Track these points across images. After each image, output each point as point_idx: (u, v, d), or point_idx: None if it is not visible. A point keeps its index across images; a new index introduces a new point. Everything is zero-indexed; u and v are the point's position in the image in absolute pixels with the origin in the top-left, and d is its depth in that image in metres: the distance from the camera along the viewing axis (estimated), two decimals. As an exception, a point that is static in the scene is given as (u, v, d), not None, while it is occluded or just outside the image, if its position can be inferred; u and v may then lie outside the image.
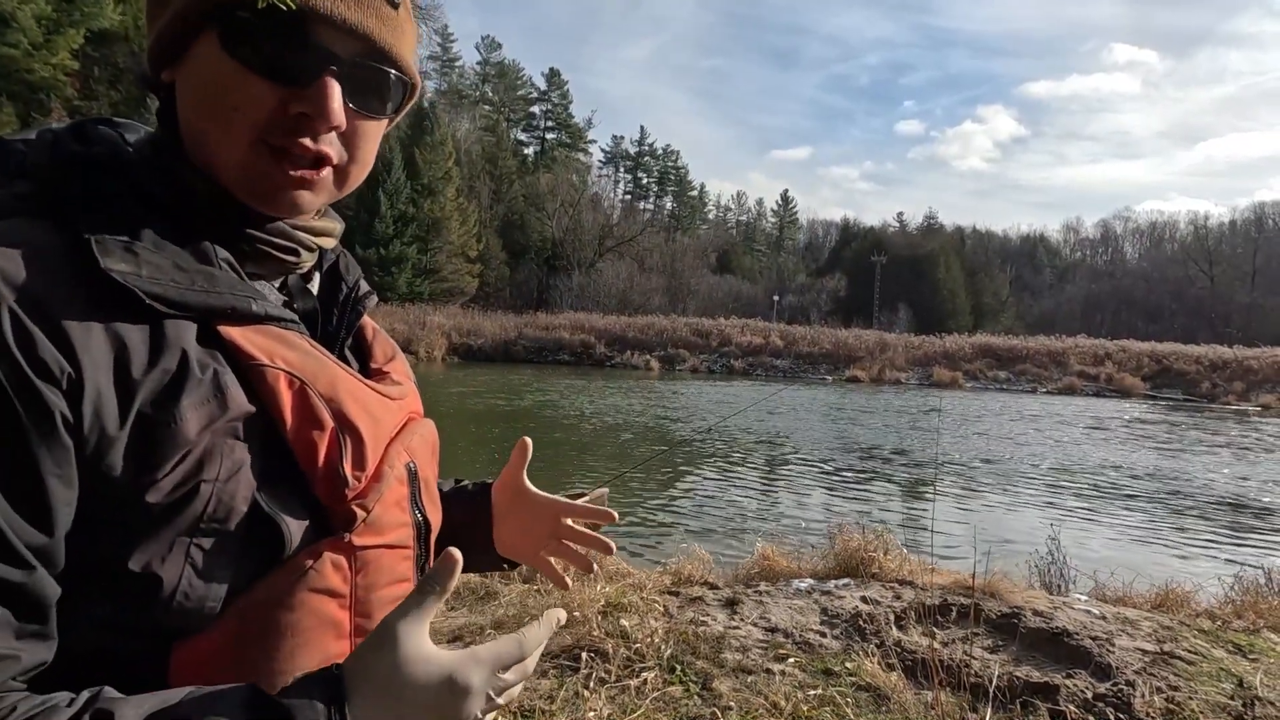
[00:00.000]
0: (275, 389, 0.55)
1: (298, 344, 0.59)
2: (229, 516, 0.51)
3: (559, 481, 8.85)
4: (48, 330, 0.46)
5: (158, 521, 0.48)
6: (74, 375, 0.46)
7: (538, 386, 21.71)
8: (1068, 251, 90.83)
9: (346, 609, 0.58)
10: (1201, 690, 2.92)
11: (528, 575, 4.62)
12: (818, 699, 2.76)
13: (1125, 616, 3.79)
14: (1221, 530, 8.51)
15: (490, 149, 57.15)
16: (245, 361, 0.54)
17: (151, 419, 0.48)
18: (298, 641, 0.54)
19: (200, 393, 0.51)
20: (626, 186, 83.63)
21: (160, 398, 0.49)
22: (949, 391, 28.41)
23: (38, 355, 0.45)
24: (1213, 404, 27.86)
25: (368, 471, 0.59)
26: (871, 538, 4.65)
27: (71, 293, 0.48)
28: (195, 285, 0.52)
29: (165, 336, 0.51)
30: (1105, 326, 53.80)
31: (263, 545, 0.53)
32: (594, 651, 3.01)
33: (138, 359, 0.49)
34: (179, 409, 0.49)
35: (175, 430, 0.49)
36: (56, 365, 0.45)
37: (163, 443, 0.48)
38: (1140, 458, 13.58)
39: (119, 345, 0.48)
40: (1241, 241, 69.99)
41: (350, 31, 0.56)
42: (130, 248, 0.50)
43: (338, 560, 0.56)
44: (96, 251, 0.49)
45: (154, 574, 0.48)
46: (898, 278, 60.34)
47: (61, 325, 0.46)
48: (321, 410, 0.56)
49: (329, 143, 0.58)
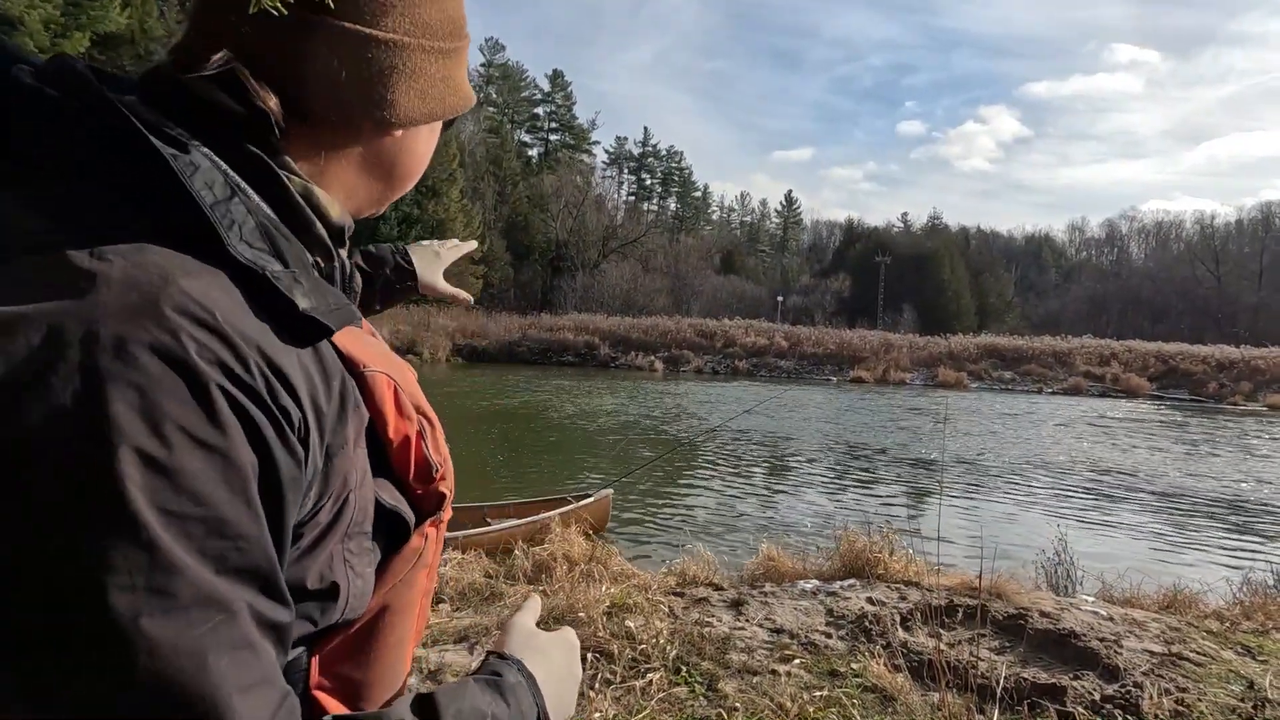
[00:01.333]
0: (380, 393, 0.56)
1: (367, 338, 0.59)
2: (365, 518, 0.54)
3: (563, 482, 8.86)
4: (278, 377, 0.44)
5: (326, 536, 0.50)
6: (302, 420, 0.45)
7: (542, 387, 21.72)
8: (1073, 251, 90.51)
9: (432, 578, 0.66)
10: (1210, 692, 2.90)
11: (532, 576, 4.62)
12: (824, 700, 2.75)
13: (1133, 618, 3.77)
14: (1229, 531, 8.47)
15: (494, 151, 57.24)
16: (356, 368, 0.54)
17: (331, 447, 0.49)
18: (411, 613, 0.61)
19: (357, 414, 0.52)
20: (630, 188, 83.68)
21: (335, 426, 0.49)
22: (954, 392, 28.33)
23: (282, 404, 0.43)
24: (1220, 404, 27.72)
25: (444, 454, 0.64)
26: (877, 539, 4.64)
27: (269, 331, 0.45)
28: (332, 305, 0.50)
29: (326, 361, 0.50)
30: (1111, 327, 53.56)
31: (384, 536, 0.57)
32: (599, 652, 3.01)
33: (320, 390, 0.48)
34: (347, 434, 0.51)
35: (346, 453, 0.50)
36: (294, 411, 0.44)
37: (337, 468, 0.50)
38: (1146, 458, 13.52)
39: (309, 380, 0.47)
40: (1249, 241, 69.61)
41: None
42: (297, 277, 0.48)
43: (432, 535, 0.63)
44: (282, 289, 0.46)
45: (333, 583, 0.51)
46: (902, 278, 60.14)
47: (283, 370, 0.44)
48: (408, 405, 0.59)
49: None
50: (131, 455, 0.36)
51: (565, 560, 4.71)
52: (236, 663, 0.39)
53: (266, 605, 0.42)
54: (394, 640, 0.60)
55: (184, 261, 0.43)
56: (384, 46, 0.53)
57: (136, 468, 0.36)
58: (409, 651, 0.64)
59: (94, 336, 0.37)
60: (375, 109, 0.54)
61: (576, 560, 4.73)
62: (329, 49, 0.51)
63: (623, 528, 7.25)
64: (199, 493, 0.38)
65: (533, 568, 4.72)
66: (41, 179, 0.44)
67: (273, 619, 0.43)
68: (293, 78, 0.51)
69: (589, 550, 4.96)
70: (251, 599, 0.41)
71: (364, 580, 0.54)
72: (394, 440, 0.57)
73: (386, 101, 0.54)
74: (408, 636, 0.62)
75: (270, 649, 0.43)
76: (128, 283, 0.40)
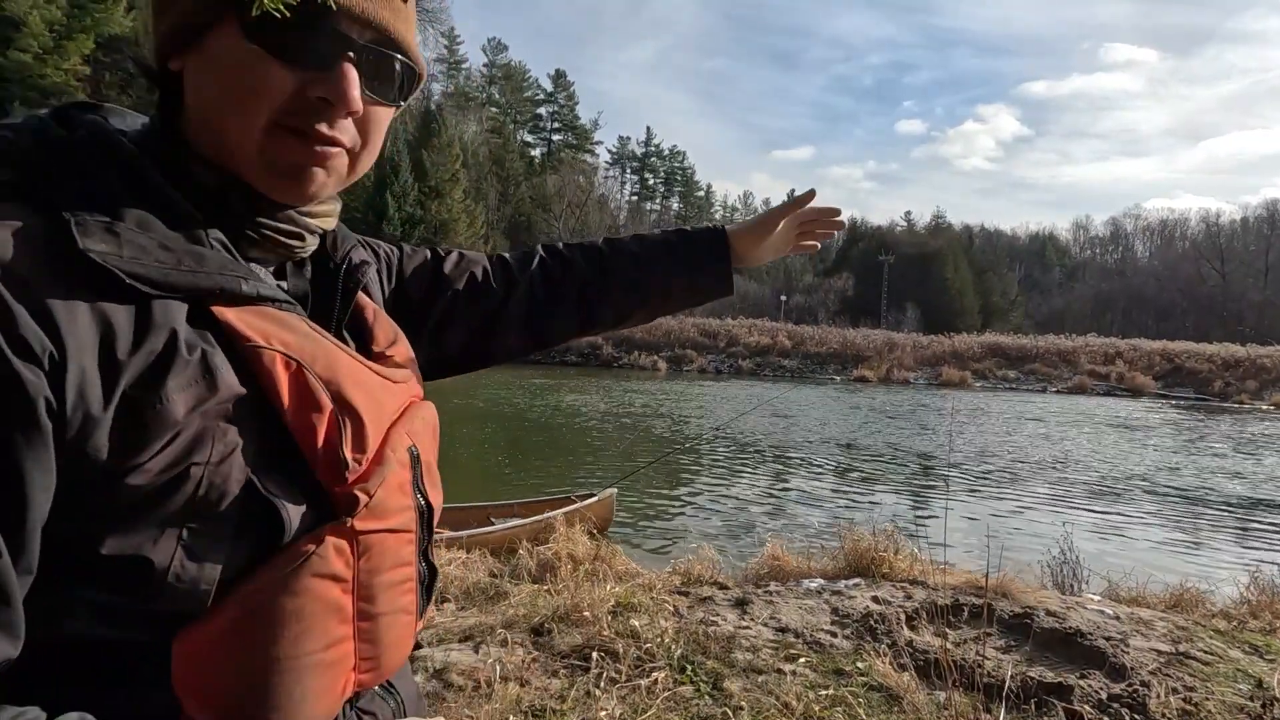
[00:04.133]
0: (272, 371, 0.54)
1: (294, 325, 0.58)
2: (221, 499, 0.50)
3: (567, 481, 8.87)
4: (31, 309, 0.45)
5: (145, 504, 0.48)
6: (56, 355, 0.45)
7: (545, 387, 21.73)
8: (1077, 250, 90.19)
9: (349, 593, 0.57)
10: (1218, 691, 2.88)
11: (536, 576, 4.62)
12: (829, 699, 2.74)
13: (1139, 617, 3.76)
14: (1236, 530, 8.43)
15: (497, 151, 57.29)
16: (240, 343, 0.54)
17: (137, 400, 0.48)
18: (301, 627, 0.54)
19: (188, 374, 0.50)
20: (633, 187, 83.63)
21: (146, 379, 0.48)
22: (958, 391, 28.27)
23: (18, 333, 0.44)
24: (1225, 403, 27.62)
25: (369, 455, 0.59)
26: (882, 538, 4.63)
27: (55, 274, 0.47)
28: (182, 265, 0.51)
29: (152, 317, 0.50)
30: (1116, 325, 53.42)
31: (260, 529, 0.52)
32: (604, 651, 3.01)
33: (123, 340, 0.48)
34: (165, 390, 0.49)
35: (161, 412, 0.48)
36: (39, 344, 0.44)
37: (148, 425, 0.48)
38: (1151, 457, 13.47)
39: (104, 326, 0.47)
40: (1254, 239, 69.29)
41: (365, 20, 0.58)
42: (111, 228, 0.49)
43: (340, 545, 0.56)
44: (75, 232, 0.48)
45: (144, 557, 0.48)
46: (905, 277, 60.04)
47: (45, 305, 0.45)
48: (320, 392, 0.56)
49: (344, 129, 0.59)
50: None
51: (570, 559, 4.71)
52: None
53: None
54: (278, 656, 0.53)
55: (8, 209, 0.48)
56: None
57: None
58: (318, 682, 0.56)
59: None
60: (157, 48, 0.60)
61: (581, 559, 4.73)
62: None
63: (627, 527, 7.25)
64: None
65: (537, 567, 4.72)
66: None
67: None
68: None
69: (593, 549, 4.96)
70: None
71: (200, 567, 0.50)
72: (293, 425, 0.55)
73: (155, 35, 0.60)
74: (303, 658, 0.54)
75: None
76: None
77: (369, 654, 0.60)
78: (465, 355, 0.96)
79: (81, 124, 0.56)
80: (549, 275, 1.00)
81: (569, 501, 6.66)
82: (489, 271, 0.97)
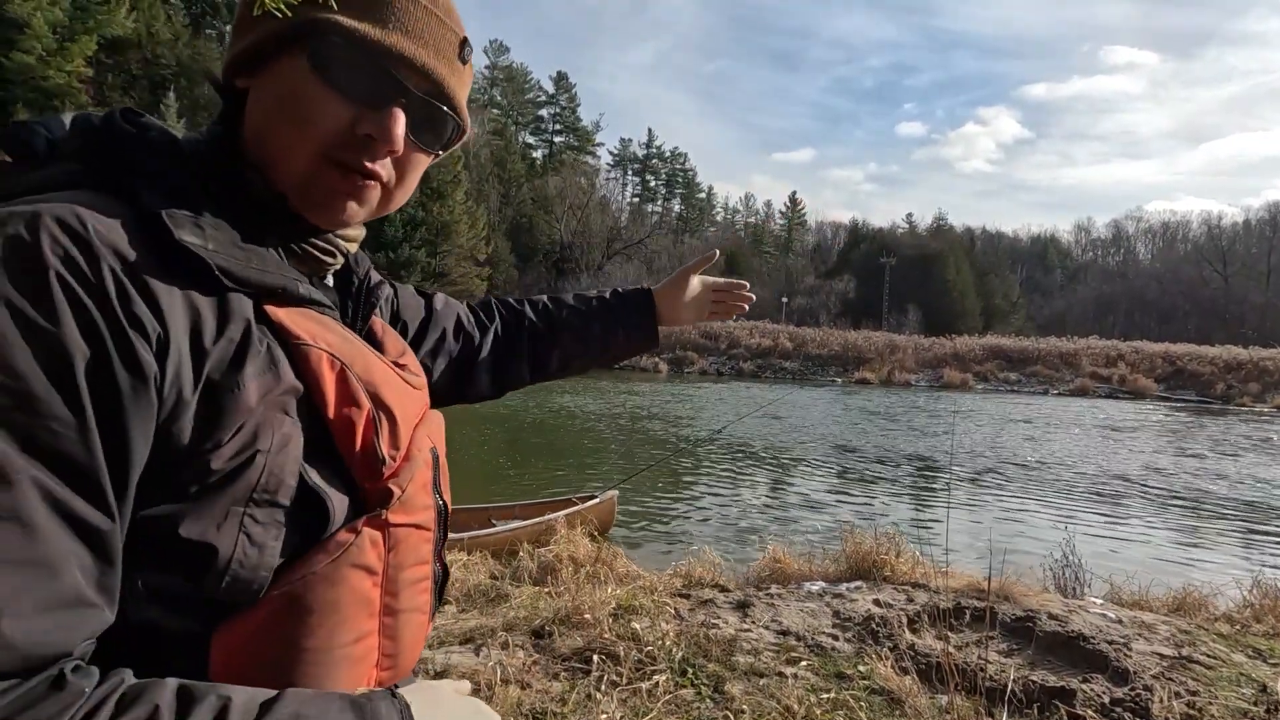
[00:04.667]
0: (319, 369, 0.58)
1: (335, 328, 0.63)
2: (279, 489, 0.53)
3: (570, 485, 8.86)
4: (140, 290, 0.48)
5: (216, 488, 0.50)
6: (162, 335, 0.48)
7: (546, 389, 21.73)
8: (1079, 252, 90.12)
9: (378, 586, 0.60)
10: (1221, 695, 2.87)
11: (537, 578, 4.62)
12: (831, 702, 2.73)
13: (1142, 620, 3.74)
14: (1239, 533, 8.41)
15: (499, 152, 57.33)
16: (291, 341, 0.57)
17: (218, 385, 0.51)
18: (337, 618, 0.56)
19: (259, 363, 0.54)
20: (634, 189, 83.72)
21: (226, 365, 0.52)
22: (959, 393, 28.25)
23: (134, 311, 0.47)
24: (1228, 405, 27.57)
25: (401, 451, 0.62)
26: (883, 540, 4.62)
27: (153, 259, 0.50)
28: (252, 263, 0.56)
29: (230, 307, 0.54)
30: (1118, 327, 53.33)
31: (308, 520, 0.55)
32: (605, 654, 3.00)
33: (209, 326, 0.51)
34: (242, 377, 0.52)
35: (238, 397, 0.51)
36: (149, 323, 0.47)
37: (226, 409, 0.51)
38: (1154, 460, 13.45)
39: (194, 312, 0.51)
40: (1256, 241, 69.23)
41: (423, 72, 0.63)
42: (197, 222, 0.53)
43: (375, 537, 0.59)
44: (169, 223, 0.51)
45: (209, 543, 0.49)
46: (907, 279, 59.99)
47: (150, 286, 0.48)
48: (359, 391, 0.60)
49: (383, 165, 0.63)
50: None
51: (571, 561, 4.71)
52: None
53: (69, 496, 0.43)
54: (312, 648, 0.55)
55: (96, 198, 0.50)
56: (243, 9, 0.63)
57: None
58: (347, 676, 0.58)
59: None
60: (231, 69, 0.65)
61: (582, 561, 4.73)
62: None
63: (628, 529, 7.24)
64: (11, 364, 0.41)
65: (538, 569, 4.72)
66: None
67: (78, 513, 0.43)
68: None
69: (594, 551, 4.95)
70: (46, 480, 0.42)
71: (260, 552, 0.52)
72: (335, 421, 0.58)
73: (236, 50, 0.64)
74: (335, 650, 0.56)
75: (59, 541, 0.42)
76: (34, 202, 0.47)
77: (389, 650, 0.63)
78: (444, 392, 1.01)
79: (148, 124, 0.60)
80: (508, 325, 1.10)
81: (570, 503, 6.66)
82: (468, 317, 1.06)
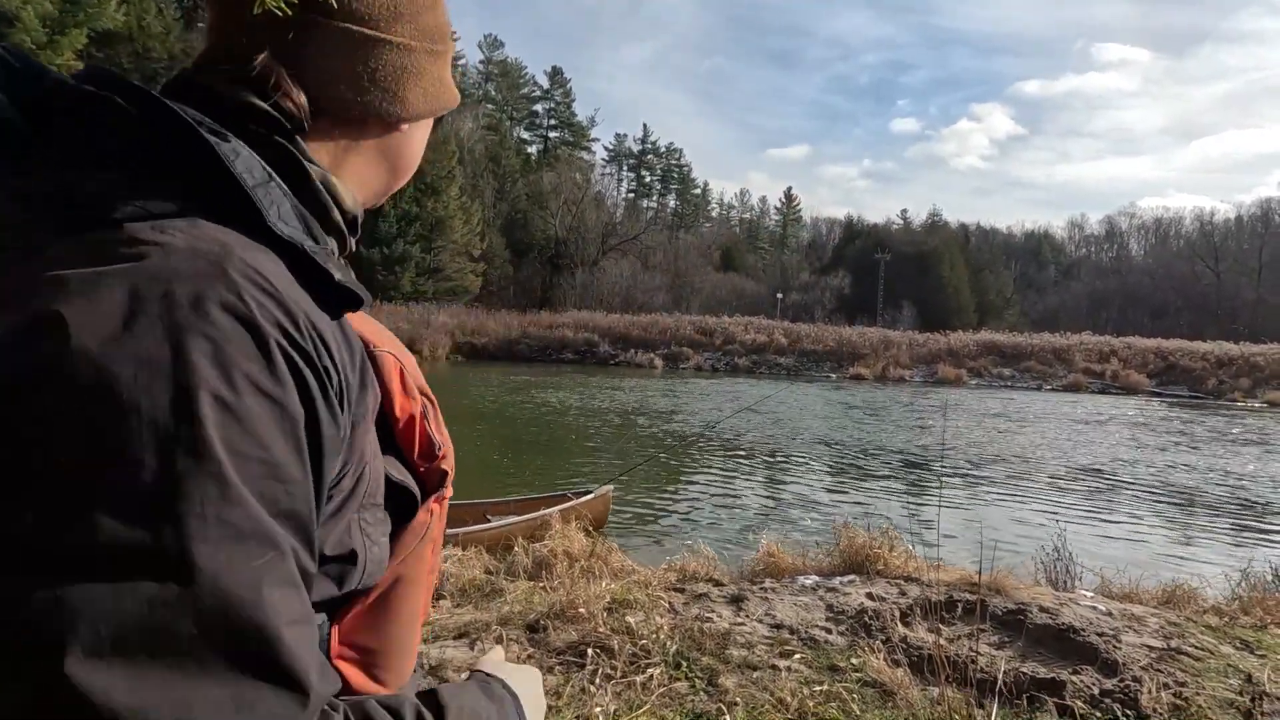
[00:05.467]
0: (390, 374, 0.61)
1: (374, 324, 0.66)
2: (378, 489, 0.57)
3: (565, 480, 8.87)
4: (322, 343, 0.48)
5: (347, 503, 0.53)
6: (340, 384, 0.49)
7: (541, 385, 21.72)
8: (1072, 248, 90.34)
9: (437, 554, 0.69)
10: (1209, 686, 2.91)
11: (532, 573, 4.63)
12: (823, 695, 2.76)
13: (1132, 613, 3.78)
14: (1228, 527, 8.48)
15: (493, 148, 57.13)
16: (368, 348, 0.59)
17: (356, 417, 0.52)
18: (420, 586, 0.64)
19: (370, 388, 0.56)
20: (630, 185, 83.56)
21: (359, 396, 0.53)
22: (953, 389, 28.35)
23: (325, 365, 0.47)
24: (1219, 400, 27.75)
25: (445, 435, 0.68)
26: (876, 534, 4.65)
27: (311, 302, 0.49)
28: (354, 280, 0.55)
29: (350, 337, 0.54)
30: (1110, 323, 53.55)
31: (397, 510, 0.61)
32: (600, 648, 3.02)
33: (348, 364, 0.51)
34: (366, 405, 0.54)
35: (365, 424, 0.54)
36: (335, 376, 0.48)
37: (358, 436, 0.53)
38: (1146, 454, 13.53)
39: (342, 352, 0.50)
40: (1248, 238, 69.54)
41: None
42: (328, 250, 0.54)
43: (439, 512, 0.66)
44: (321, 263, 0.50)
45: (353, 550, 0.54)
46: (902, 275, 60.05)
47: (324, 337, 0.48)
48: (412, 385, 0.64)
49: None
50: (209, 398, 0.40)
51: (565, 556, 4.72)
52: (286, 598, 0.42)
53: (304, 552, 0.45)
54: (407, 613, 0.63)
55: (235, 235, 0.46)
56: (396, 49, 0.60)
57: (213, 409, 0.40)
58: (419, 626, 0.67)
59: (171, 294, 0.41)
60: (389, 105, 0.61)
61: (577, 556, 4.74)
62: (348, 51, 0.58)
63: (623, 524, 7.26)
64: (261, 437, 0.42)
65: (533, 564, 4.73)
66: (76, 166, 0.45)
67: (306, 567, 0.46)
68: (315, 78, 0.57)
69: (589, 546, 4.96)
70: (295, 543, 0.44)
71: (380, 549, 0.57)
72: (400, 419, 0.61)
73: (398, 99, 0.61)
74: (419, 610, 0.65)
75: (306, 595, 0.45)
76: (192, 251, 0.43)
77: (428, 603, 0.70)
78: None
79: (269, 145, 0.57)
80: None
81: (565, 499, 6.66)
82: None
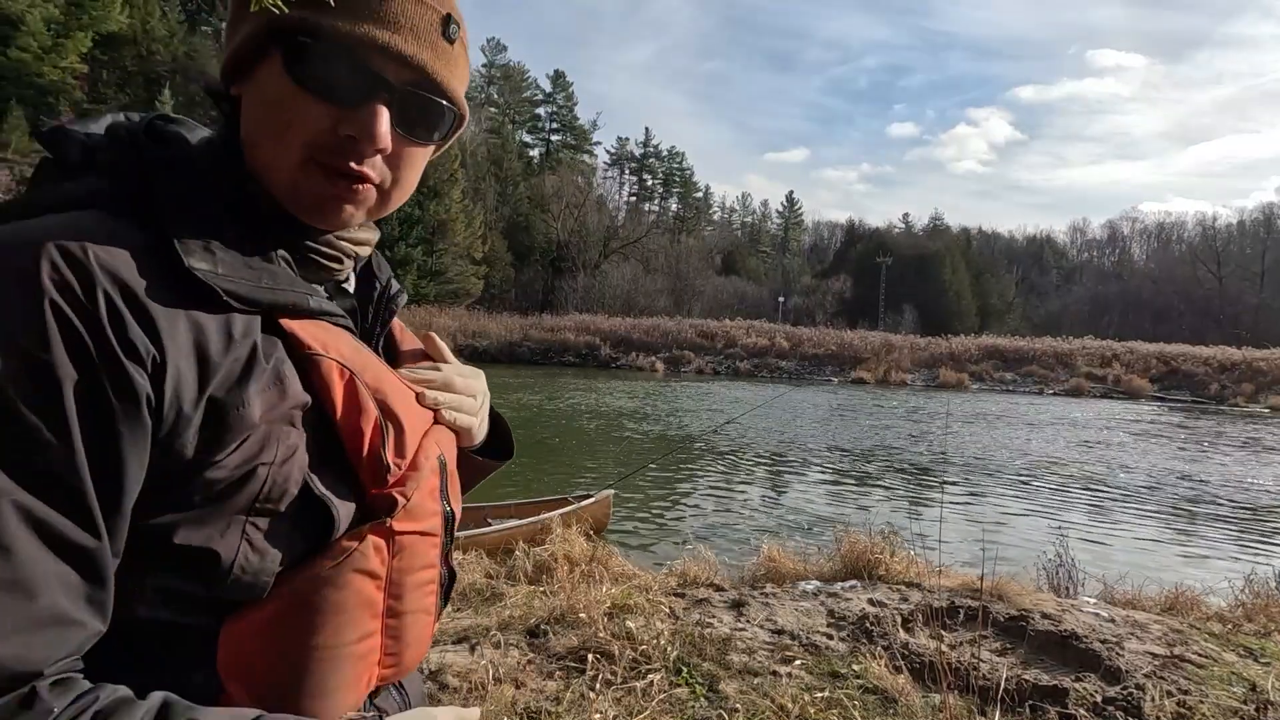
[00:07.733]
0: (328, 378, 0.59)
1: (346, 338, 0.64)
2: (282, 498, 0.55)
3: (565, 484, 8.85)
4: (137, 315, 0.49)
5: (218, 499, 0.53)
6: (158, 358, 0.50)
7: (543, 388, 21.72)
8: (1074, 253, 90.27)
9: (382, 590, 0.62)
10: (1213, 694, 2.89)
11: (533, 577, 4.62)
12: (825, 701, 2.74)
13: (1135, 620, 3.76)
14: (1231, 533, 8.45)
15: (495, 151, 57.24)
16: (302, 351, 0.59)
17: (222, 403, 0.53)
18: (341, 618, 0.59)
19: (264, 380, 0.55)
20: (631, 188, 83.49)
21: (231, 384, 0.53)
22: (955, 393, 28.31)
23: (127, 337, 0.48)
24: (1222, 405, 27.69)
25: (407, 460, 0.64)
26: (878, 540, 4.63)
27: (160, 286, 0.52)
28: (262, 283, 0.57)
29: (236, 328, 0.55)
30: (1112, 328, 53.40)
31: (312, 526, 0.57)
32: (600, 653, 3.01)
33: (214, 347, 0.53)
34: (247, 394, 0.54)
35: (242, 414, 0.53)
36: (144, 347, 0.49)
37: (230, 425, 0.53)
38: (1148, 460, 13.49)
39: (199, 334, 0.52)
40: (1250, 242, 69.46)
41: (404, 62, 0.59)
42: (208, 247, 0.55)
43: (379, 544, 0.61)
44: (180, 251, 0.53)
45: (211, 549, 0.52)
46: (903, 279, 60.06)
47: (149, 311, 0.50)
48: (368, 400, 0.61)
49: (373, 165, 0.61)
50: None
51: (566, 561, 4.70)
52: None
53: (53, 517, 0.46)
54: (317, 644, 0.57)
55: (104, 221, 0.52)
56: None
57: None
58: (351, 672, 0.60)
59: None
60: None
61: (577, 561, 4.73)
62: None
63: (624, 528, 7.24)
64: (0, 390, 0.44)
65: (533, 568, 4.72)
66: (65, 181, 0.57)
67: (63, 534, 0.46)
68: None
69: (590, 551, 4.95)
70: (29, 503, 0.45)
71: (261, 558, 0.54)
72: (343, 429, 0.60)
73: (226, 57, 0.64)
74: (339, 648, 0.59)
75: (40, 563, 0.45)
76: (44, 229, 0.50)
77: (392, 649, 0.65)
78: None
79: (173, 140, 0.61)
80: None
81: (566, 503, 6.65)
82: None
